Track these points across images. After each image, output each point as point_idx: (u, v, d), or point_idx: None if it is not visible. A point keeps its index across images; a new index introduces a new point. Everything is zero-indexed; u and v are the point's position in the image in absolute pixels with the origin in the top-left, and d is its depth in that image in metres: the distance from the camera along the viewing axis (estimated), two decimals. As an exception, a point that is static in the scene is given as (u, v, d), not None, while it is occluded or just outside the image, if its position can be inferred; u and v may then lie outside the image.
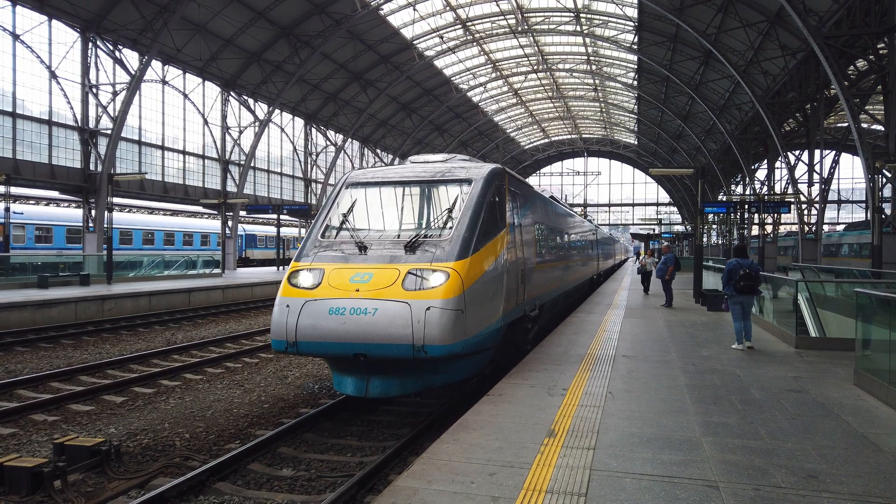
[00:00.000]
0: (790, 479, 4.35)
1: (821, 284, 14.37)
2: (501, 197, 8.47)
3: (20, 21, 25.07)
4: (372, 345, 6.48)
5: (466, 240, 7.24)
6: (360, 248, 7.45)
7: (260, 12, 31.19)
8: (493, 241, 7.83)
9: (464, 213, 7.57)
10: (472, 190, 7.89)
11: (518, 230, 9.29)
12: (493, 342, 7.91)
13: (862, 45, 23.31)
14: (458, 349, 6.58)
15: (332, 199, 8.54)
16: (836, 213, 58.30)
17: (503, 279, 7.99)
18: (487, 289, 7.44)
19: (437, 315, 6.43)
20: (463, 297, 6.69)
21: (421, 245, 7.26)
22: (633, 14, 35.22)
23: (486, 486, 4.19)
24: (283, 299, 7.00)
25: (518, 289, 8.89)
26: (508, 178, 9.12)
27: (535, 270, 10.41)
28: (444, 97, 49.82)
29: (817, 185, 30.26)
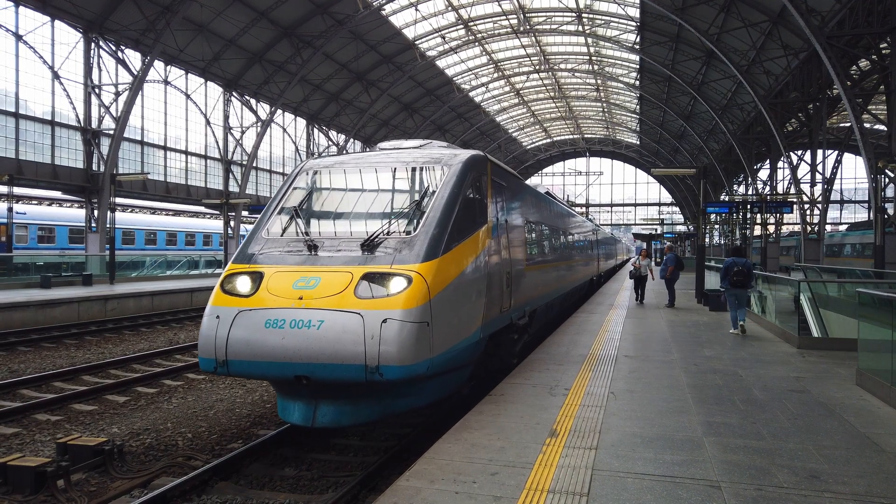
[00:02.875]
0: (792, 479, 4.35)
1: (823, 285, 14.38)
2: (482, 189, 7.49)
3: (23, 21, 25.13)
4: (316, 365, 5.37)
5: (436, 238, 6.18)
6: (310, 247, 6.34)
7: (262, 12, 31.23)
8: (471, 239, 6.82)
9: (434, 207, 6.49)
10: (446, 180, 6.84)
11: (504, 227, 8.26)
12: (469, 358, 6.91)
13: (864, 44, 23.27)
14: (421, 370, 5.53)
15: (284, 191, 7.39)
16: (838, 214, 58.17)
17: (483, 284, 7.01)
18: (462, 295, 6.42)
19: (395, 329, 5.36)
20: (429, 307, 5.65)
21: (382, 244, 6.20)
22: (636, 14, 35.20)
23: (487, 485, 4.19)
24: (214, 309, 5.92)
25: (503, 294, 7.87)
26: (491, 168, 8.03)
27: (524, 273, 9.43)
28: (446, 97, 49.82)
29: (820, 185, 30.21)
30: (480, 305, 6.92)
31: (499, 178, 8.36)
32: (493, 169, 8.10)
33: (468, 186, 7.02)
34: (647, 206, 79.01)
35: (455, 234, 6.44)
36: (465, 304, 6.52)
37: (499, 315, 7.70)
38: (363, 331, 5.37)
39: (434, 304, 5.73)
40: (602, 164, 77.54)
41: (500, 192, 8.35)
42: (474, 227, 7.01)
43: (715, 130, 45.70)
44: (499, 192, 8.25)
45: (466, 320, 6.55)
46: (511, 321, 8.47)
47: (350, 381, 5.42)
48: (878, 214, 21.59)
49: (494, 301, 7.47)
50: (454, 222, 6.49)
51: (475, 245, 6.94)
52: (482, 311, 6.95)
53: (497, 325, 7.69)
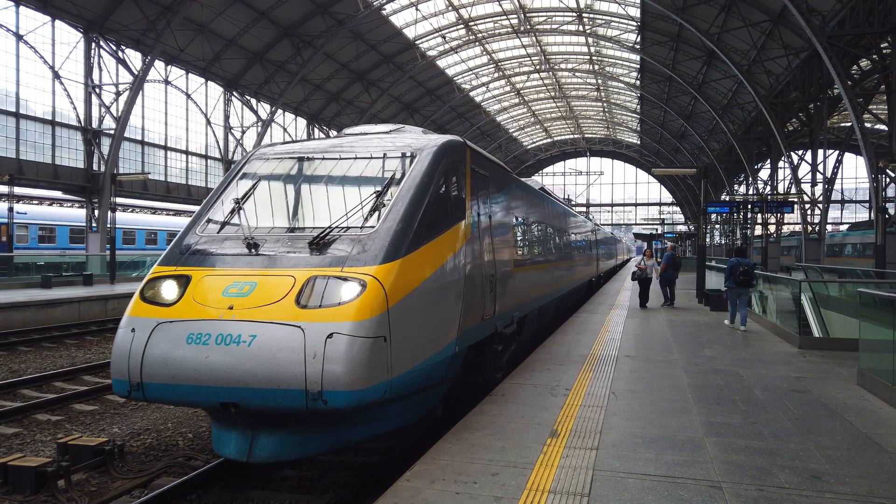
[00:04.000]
0: (793, 479, 4.34)
1: (824, 285, 14.37)
2: (459, 179, 6.64)
3: (23, 21, 25.15)
4: (246, 390, 4.50)
5: (399, 235, 5.29)
6: (250, 245, 5.43)
7: (262, 12, 31.23)
8: (444, 236, 5.94)
9: (398, 199, 5.63)
10: (415, 168, 5.98)
11: (487, 224, 7.38)
12: (443, 375, 6.01)
13: (865, 44, 23.26)
14: (376, 394, 4.67)
15: (228, 181, 6.53)
16: (839, 213, 58.15)
17: (459, 288, 6.11)
18: (431, 302, 5.54)
19: (343, 345, 4.50)
20: (386, 317, 4.78)
21: (334, 242, 5.31)
22: (636, 14, 35.21)
23: (488, 486, 4.19)
24: (130, 320, 5.04)
25: (485, 300, 7.00)
26: (471, 156, 7.12)
27: (512, 275, 8.56)
28: (446, 97, 49.83)
29: (820, 184, 30.21)
30: (456, 313, 6.02)
31: (481, 168, 7.48)
32: (473, 157, 7.20)
33: (441, 176, 6.15)
34: (647, 205, 79.03)
35: (423, 231, 5.58)
36: (435, 313, 5.64)
37: (480, 323, 6.81)
38: (303, 348, 4.50)
39: (394, 314, 4.86)
40: (603, 164, 77.56)
41: (483, 183, 7.49)
42: (448, 222, 6.14)
43: (716, 130, 45.70)
44: (481, 184, 7.38)
45: (437, 331, 5.67)
46: (496, 330, 7.55)
47: (287, 409, 4.55)
48: (878, 214, 21.58)
49: (474, 308, 6.59)
50: (423, 217, 5.61)
51: (449, 243, 6.06)
52: (458, 320, 6.04)
53: (478, 334, 6.82)
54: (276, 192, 6.31)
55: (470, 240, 6.59)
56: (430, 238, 5.65)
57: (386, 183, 5.88)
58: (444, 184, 6.22)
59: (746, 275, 12.13)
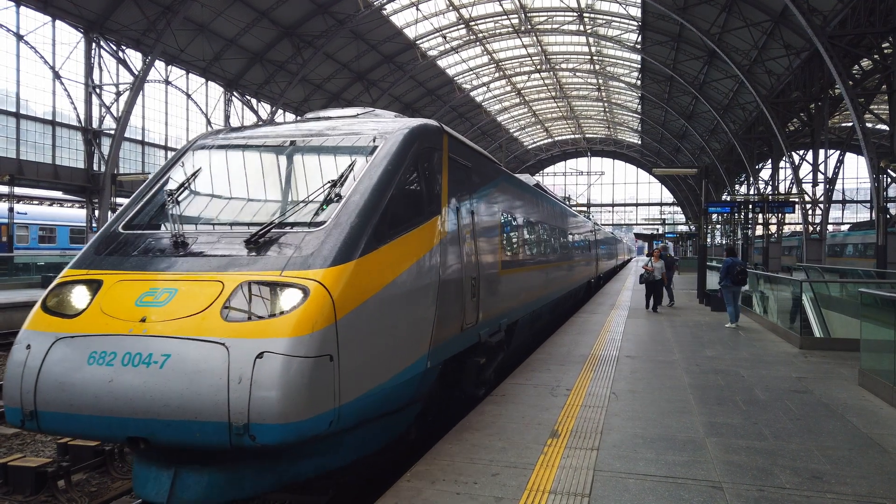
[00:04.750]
0: (794, 479, 4.33)
1: (825, 285, 14.36)
2: (434, 169, 5.84)
3: (24, 22, 25.16)
4: (156, 422, 3.73)
5: (354, 232, 4.52)
6: (177, 244, 4.65)
7: (263, 12, 31.24)
8: (414, 234, 5.18)
9: (357, 191, 4.83)
10: (379, 155, 5.20)
11: (468, 221, 6.60)
12: (412, 394, 5.23)
13: (866, 44, 23.25)
14: (319, 427, 3.90)
15: (162, 171, 5.73)
16: (840, 213, 58.11)
17: (432, 293, 5.37)
18: (395, 311, 4.80)
19: (275, 367, 3.72)
20: (333, 332, 4.01)
21: (277, 240, 4.54)
22: (637, 14, 35.20)
23: (489, 486, 4.18)
24: (27, 334, 4.23)
25: (466, 306, 6.25)
26: (449, 143, 6.31)
27: (499, 278, 7.83)
28: (447, 97, 49.83)
29: (821, 184, 30.18)
30: (428, 323, 5.27)
31: (461, 158, 6.67)
32: (451, 145, 6.37)
33: (411, 165, 5.37)
34: (648, 206, 79.01)
35: (386, 228, 4.81)
36: (400, 324, 4.89)
37: (459, 333, 6.09)
38: (227, 370, 3.73)
39: (344, 328, 4.09)
40: (603, 164, 77.54)
41: (464, 175, 6.70)
42: (419, 218, 5.35)
43: (717, 130, 45.68)
44: (461, 176, 6.59)
45: (404, 345, 4.92)
46: (479, 339, 6.83)
47: (206, 446, 3.79)
48: (880, 214, 21.57)
49: (452, 316, 5.85)
50: (386, 211, 4.85)
51: (420, 242, 5.28)
52: (431, 331, 5.30)
53: (456, 346, 6.10)
54: (217, 182, 5.52)
55: (447, 238, 5.82)
56: (394, 236, 4.89)
57: (343, 172, 5.06)
58: (414, 173, 5.43)
59: (743, 273, 12.76)
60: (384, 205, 4.86)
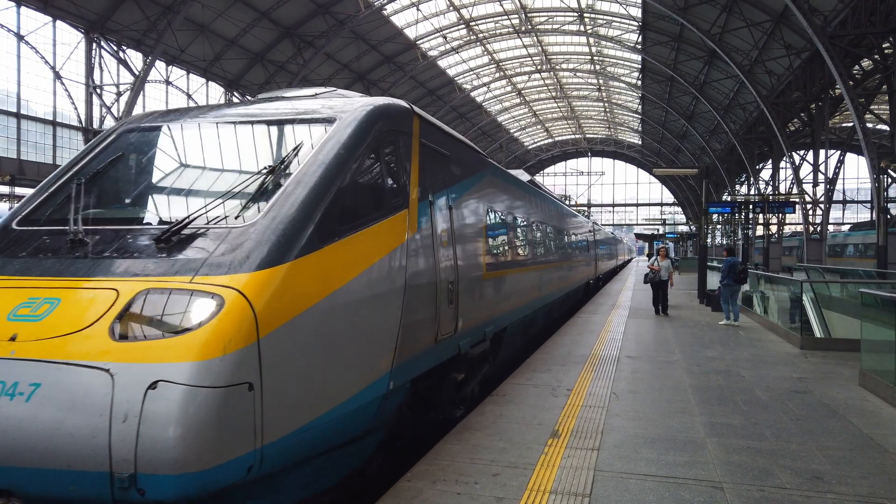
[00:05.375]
0: (795, 479, 4.33)
1: (825, 285, 14.36)
2: (401, 156, 5.09)
3: (24, 22, 25.18)
4: (21, 471, 2.92)
5: (291, 228, 3.75)
6: (74, 242, 3.85)
7: (263, 13, 31.25)
8: (372, 231, 4.43)
9: (299, 178, 4.09)
10: (331, 137, 4.44)
11: (445, 216, 5.83)
12: (369, 423, 4.44)
13: (867, 44, 23.24)
14: (234, 475, 3.11)
15: (78, 158, 4.87)
16: (841, 214, 58.08)
17: (396, 301, 4.61)
18: (344, 324, 4.02)
19: (172, 400, 2.93)
20: (255, 353, 3.23)
21: (196, 238, 3.75)
22: (637, 14, 35.21)
23: (489, 486, 4.18)
24: None
25: (441, 314, 5.46)
26: (422, 128, 5.52)
27: (483, 281, 7.05)
28: (447, 97, 49.85)
29: (822, 185, 30.17)
30: (390, 337, 4.53)
31: (437, 145, 5.87)
32: (424, 129, 5.58)
33: (370, 150, 4.64)
34: (649, 206, 79.01)
35: (334, 223, 4.06)
36: (351, 339, 4.09)
37: (433, 346, 5.34)
38: (109, 404, 2.92)
39: (270, 347, 3.31)
40: (604, 164, 77.57)
41: (440, 164, 5.90)
42: (380, 212, 4.61)
43: (717, 130, 45.68)
44: (437, 165, 5.79)
45: (356, 365, 4.15)
46: (458, 351, 6.08)
47: (84, 502, 2.94)
48: (880, 214, 21.57)
49: (422, 326, 5.11)
50: (334, 204, 4.09)
51: (381, 240, 4.53)
52: (394, 345, 4.55)
53: (429, 361, 5.35)
54: (138, 170, 4.76)
55: (417, 236, 5.05)
56: (346, 233, 4.13)
57: (286, 157, 4.34)
58: (373, 160, 4.71)
59: (745, 273, 13.26)
60: (332, 196, 4.08)
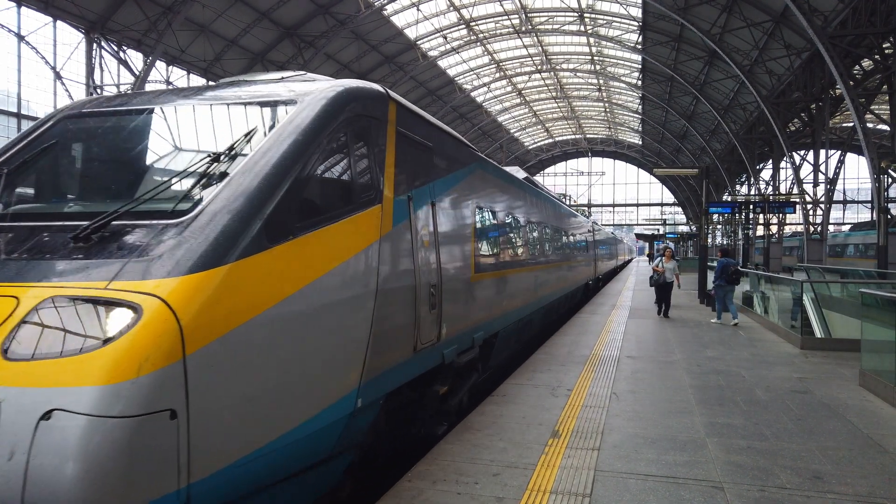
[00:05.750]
0: (795, 479, 4.34)
1: (826, 285, 14.36)
2: (374, 144, 4.54)
3: (25, 22, 25.21)
4: None
5: (236, 223, 3.23)
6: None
7: (264, 13, 31.27)
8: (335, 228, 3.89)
9: (248, 168, 3.56)
10: (290, 121, 3.93)
11: (426, 212, 5.32)
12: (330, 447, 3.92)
13: (867, 44, 23.23)
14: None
15: (7, 147, 4.34)
16: (841, 214, 58.06)
17: (366, 308, 4.11)
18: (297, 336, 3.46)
19: (71, 433, 2.44)
20: (180, 373, 2.72)
21: (120, 236, 3.21)
22: (638, 14, 35.21)
23: (490, 486, 4.18)
24: None
25: (421, 321, 4.98)
26: (399, 115, 5.00)
27: (471, 284, 6.60)
28: (447, 97, 49.85)
29: (822, 185, 30.16)
30: (358, 347, 4.03)
31: (417, 135, 5.35)
32: (402, 117, 5.06)
33: (336, 137, 4.12)
34: (649, 206, 79.01)
35: (288, 219, 3.53)
36: (308, 353, 3.55)
37: (411, 357, 4.86)
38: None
39: (199, 366, 2.79)
40: (604, 164, 77.58)
41: (422, 157, 5.41)
42: (347, 207, 4.09)
43: (717, 130, 45.68)
44: (418, 158, 5.31)
45: (314, 382, 3.63)
46: (442, 361, 5.62)
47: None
48: (880, 215, 21.56)
49: (398, 335, 4.64)
50: (288, 197, 3.55)
51: (347, 239, 4.00)
52: (363, 358, 4.06)
53: (407, 373, 4.88)
54: (69, 161, 4.30)
55: (392, 235, 4.54)
56: (302, 230, 3.59)
57: (236, 144, 3.81)
58: (339, 148, 4.17)
59: (737, 273, 13.35)
60: (287, 188, 3.56)
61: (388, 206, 4.55)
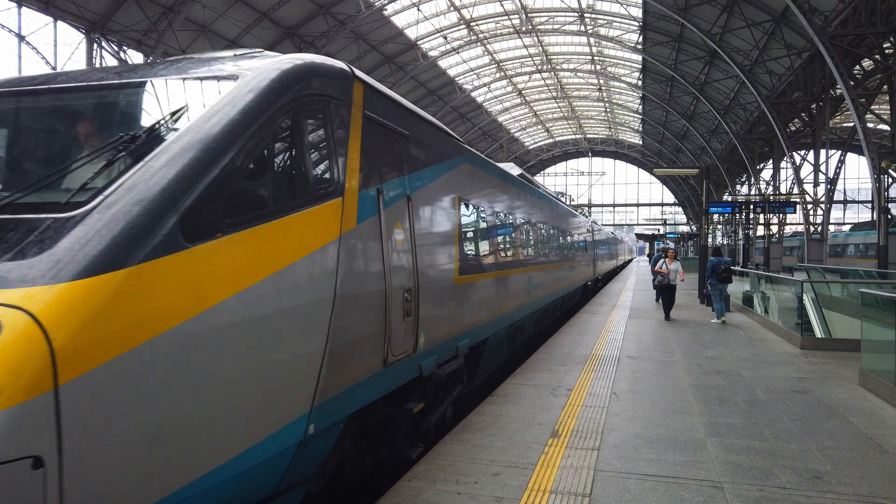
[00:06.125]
0: (795, 479, 4.34)
1: (826, 285, 14.36)
2: (329, 127, 3.92)
3: (25, 22, 25.28)
4: None
5: (142, 216, 2.70)
6: None
7: (264, 13, 31.28)
8: (281, 224, 3.34)
9: (165, 151, 3.02)
10: (226, 99, 3.37)
11: (399, 208, 4.78)
12: (277, 481, 3.48)
13: (868, 44, 23.24)
14: None
15: None
16: (842, 214, 58.05)
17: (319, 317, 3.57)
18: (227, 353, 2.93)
19: None
20: (49, 408, 2.14)
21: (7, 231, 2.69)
22: (638, 14, 35.21)
23: (489, 486, 4.19)
24: None
25: (392, 331, 4.45)
26: (366, 97, 4.42)
27: (455, 288, 6.08)
28: (448, 97, 49.86)
29: (823, 185, 30.16)
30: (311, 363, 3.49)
31: (389, 121, 4.77)
32: (370, 100, 4.49)
33: (283, 118, 3.53)
34: (649, 206, 79.00)
35: (213, 213, 2.96)
36: (240, 372, 2.99)
37: (381, 370, 4.37)
38: None
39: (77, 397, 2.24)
40: (605, 164, 77.57)
41: (395, 146, 4.85)
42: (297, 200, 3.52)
43: (718, 130, 45.68)
44: (389, 147, 4.74)
45: (249, 408, 3.07)
46: (419, 374, 5.15)
47: None
48: (881, 214, 21.55)
49: (363, 346, 4.11)
50: (215, 186, 2.98)
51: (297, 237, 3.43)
52: (316, 375, 3.52)
53: (376, 389, 4.39)
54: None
55: (357, 231, 4.01)
56: (235, 227, 3.02)
57: (156, 125, 3.25)
58: (287, 132, 3.61)
59: (727, 272, 13.59)
60: (213, 177, 2.96)
61: (352, 200, 4.02)
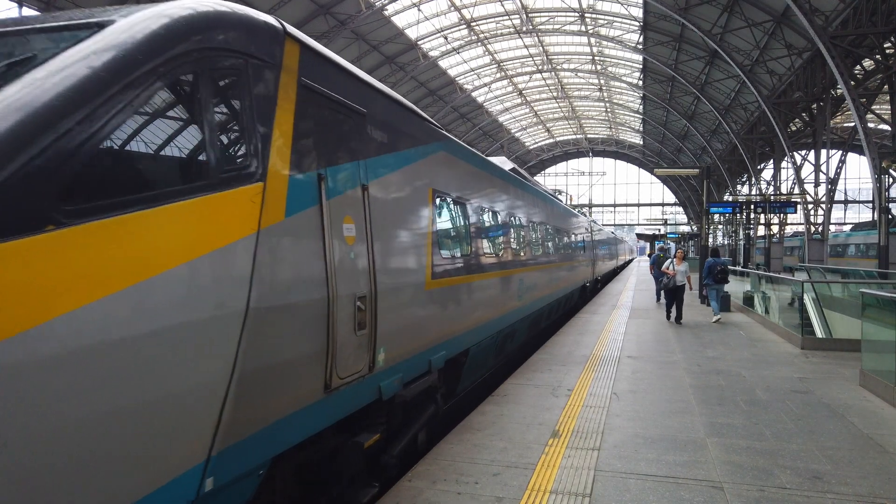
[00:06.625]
0: (795, 479, 4.34)
1: (827, 285, 14.36)
2: (245, 92, 3.13)
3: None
4: None
5: None
6: None
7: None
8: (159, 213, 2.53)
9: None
10: (84, 50, 2.51)
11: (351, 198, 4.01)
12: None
13: (868, 44, 23.23)
14: None
15: None
16: (842, 214, 58.02)
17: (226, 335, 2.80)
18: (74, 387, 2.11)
19: None
20: None
21: None
22: (639, 14, 35.22)
23: (490, 486, 4.20)
24: None
25: (337, 347, 3.68)
26: (302, 62, 3.61)
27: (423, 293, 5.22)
28: (448, 97, 49.87)
29: (823, 185, 30.14)
30: (208, 396, 2.73)
31: (337, 93, 3.96)
32: (308, 66, 3.67)
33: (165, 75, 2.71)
34: (650, 206, 78.99)
35: (39, 196, 2.13)
36: (83, 417, 2.16)
37: (321, 398, 3.59)
38: None
39: None
40: (605, 165, 77.54)
41: (346, 125, 4.06)
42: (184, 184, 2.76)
43: (718, 130, 45.69)
44: (336, 124, 3.94)
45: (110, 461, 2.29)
46: (379, 397, 4.36)
47: None
48: (881, 214, 21.55)
49: (291, 370, 3.31)
50: (46, 160, 2.16)
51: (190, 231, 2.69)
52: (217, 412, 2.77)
53: (312, 424, 3.58)
54: None
55: (285, 225, 3.27)
56: (80, 216, 2.24)
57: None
58: (176, 94, 2.83)
59: (723, 273, 13.95)
60: (46, 145, 2.17)
61: (279, 186, 3.22)
